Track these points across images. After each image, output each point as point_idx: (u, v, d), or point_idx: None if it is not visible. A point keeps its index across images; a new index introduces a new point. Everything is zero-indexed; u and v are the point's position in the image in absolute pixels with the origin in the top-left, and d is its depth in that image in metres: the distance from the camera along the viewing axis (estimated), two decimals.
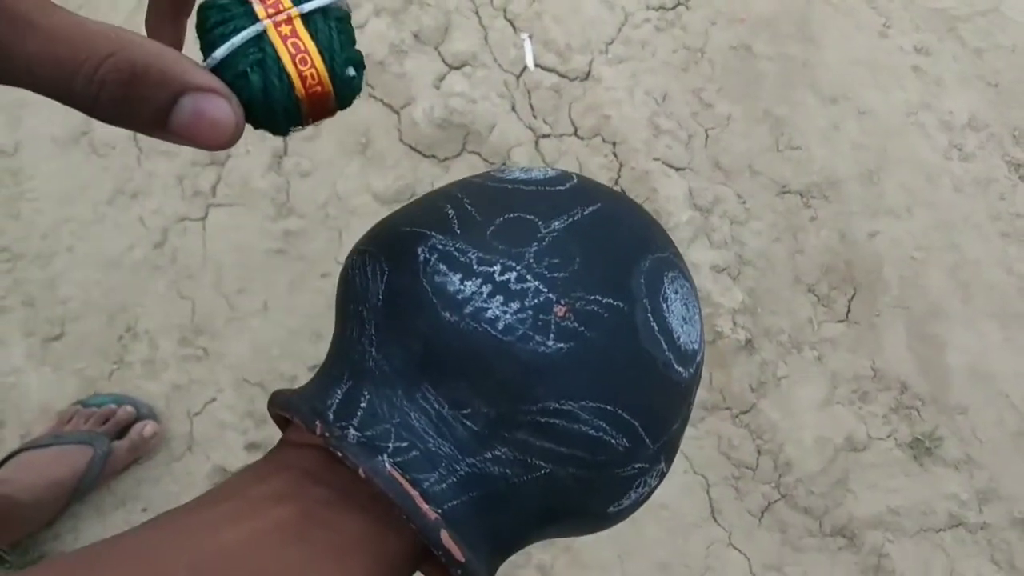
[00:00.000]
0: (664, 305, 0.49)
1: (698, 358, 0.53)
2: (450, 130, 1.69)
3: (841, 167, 1.67)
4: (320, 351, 1.59)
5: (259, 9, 0.38)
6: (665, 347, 0.48)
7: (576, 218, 0.49)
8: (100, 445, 1.47)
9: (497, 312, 0.44)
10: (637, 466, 0.49)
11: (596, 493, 0.49)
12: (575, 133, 1.69)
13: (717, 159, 1.67)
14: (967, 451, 1.55)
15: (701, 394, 1.57)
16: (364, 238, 0.54)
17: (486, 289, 0.45)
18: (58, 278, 1.63)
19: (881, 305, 1.61)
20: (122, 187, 1.66)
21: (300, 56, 0.38)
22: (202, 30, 0.38)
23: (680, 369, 0.50)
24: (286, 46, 0.37)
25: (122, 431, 1.52)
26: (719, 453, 1.56)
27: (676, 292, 0.51)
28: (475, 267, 0.46)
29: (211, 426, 1.57)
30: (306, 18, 0.38)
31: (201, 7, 0.38)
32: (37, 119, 1.68)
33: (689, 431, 1.57)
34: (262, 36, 0.37)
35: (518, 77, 1.73)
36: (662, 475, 0.53)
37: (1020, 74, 1.72)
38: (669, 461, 0.53)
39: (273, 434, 1.55)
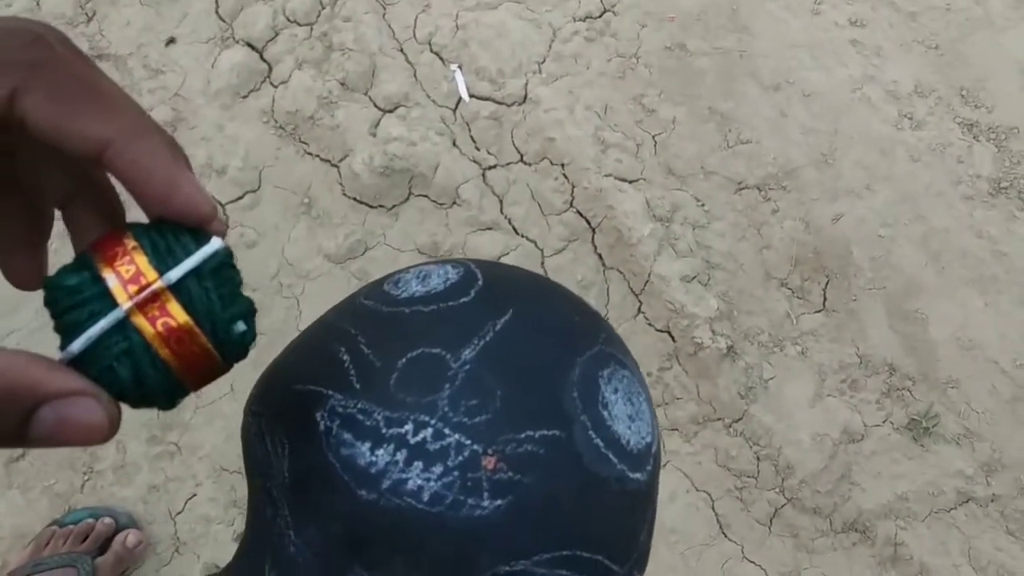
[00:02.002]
0: (605, 413, 0.44)
1: (653, 449, 0.48)
2: (393, 176, 1.63)
3: (794, 154, 1.64)
4: None
5: (116, 287, 0.31)
6: (615, 461, 0.44)
7: (488, 338, 0.44)
8: (83, 565, 1.40)
9: (419, 481, 0.39)
10: None
11: None
12: (521, 160, 1.64)
13: (669, 165, 1.63)
14: (965, 424, 1.52)
15: (691, 409, 1.53)
16: (258, 392, 0.48)
17: (401, 456, 0.40)
18: None
19: (856, 289, 1.58)
20: None
21: (176, 336, 0.31)
22: (52, 312, 0.32)
23: (636, 476, 0.45)
24: (156, 328, 0.31)
25: (104, 545, 1.46)
26: (718, 466, 1.52)
27: (616, 391, 0.46)
28: (384, 431, 0.40)
29: (196, 523, 1.51)
30: (175, 288, 0.32)
31: (47, 285, 0.32)
32: None
33: (684, 448, 1.53)
34: (125, 322, 0.31)
35: (454, 110, 1.68)
36: None
37: (958, 32, 1.70)
38: (642, 570, 0.49)
39: None
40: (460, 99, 1.69)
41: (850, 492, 1.50)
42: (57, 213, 0.39)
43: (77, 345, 0.31)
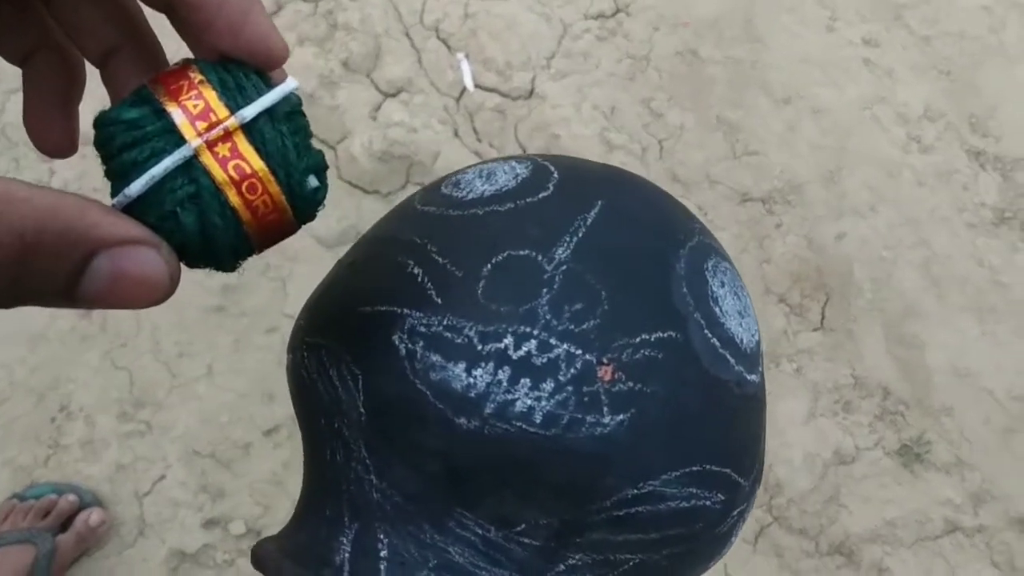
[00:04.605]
0: (717, 309, 0.40)
1: (761, 349, 0.44)
2: (392, 162, 1.59)
3: (801, 169, 1.62)
4: (274, 413, 1.48)
5: (183, 123, 0.27)
6: (733, 362, 0.39)
7: (580, 235, 0.38)
8: (43, 542, 1.34)
9: (528, 401, 0.34)
10: (736, 512, 0.40)
11: (694, 561, 0.40)
12: None
13: (674, 171, 1.61)
14: (957, 453, 1.51)
15: None
16: (311, 322, 0.42)
17: (504, 374, 0.34)
18: None
19: (855, 310, 1.56)
20: None
21: (247, 183, 0.27)
22: (106, 152, 0.28)
23: (752, 378, 0.41)
24: (227, 171, 0.27)
25: (66, 523, 1.39)
26: None
27: (722, 284, 0.41)
28: (479, 347, 0.35)
29: (163, 506, 1.45)
30: (248, 128, 0.28)
31: (100, 121, 0.28)
32: None
33: None
34: (192, 162, 0.27)
35: (458, 100, 1.64)
36: (755, 500, 0.44)
37: (971, 60, 1.69)
38: (760, 483, 0.44)
39: (233, 508, 1.44)
40: (465, 88, 1.65)
41: (838, 515, 1.48)
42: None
43: (137, 186, 0.26)
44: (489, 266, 0.37)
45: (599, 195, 0.41)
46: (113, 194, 0.27)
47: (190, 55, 0.30)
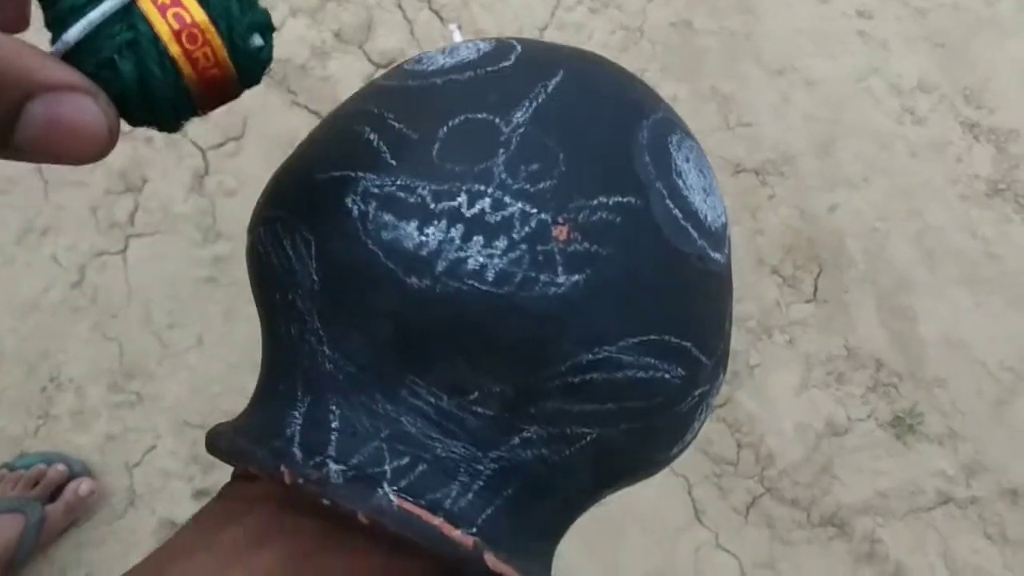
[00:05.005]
0: (680, 182, 0.39)
1: (728, 232, 0.43)
2: None
3: (794, 141, 1.61)
4: None
5: None
6: (695, 235, 0.38)
7: (540, 100, 0.38)
8: (32, 511, 1.34)
9: (481, 259, 0.33)
10: (698, 392, 0.39)
11: (655, 440, 0.39)
12: None
13: None
14: (949, 425, 1.51)
15: None
16: (267, 199, 0.41)
17: (456, 232, 0.34)
18: None
19: (848, 281, 1.55)
20: (30, 224, 1.52)
21: (188, 32, 0.27)
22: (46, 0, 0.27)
23: (716, 256, 0.40)
24: (166, 20, 0.27)
25: (55, 492, 1.39)
26: (698, 451, 1.49)
27: (687, 160, 0.40)
28: (432, 206, 0.34)
29: (153, 476, 1.45)
30: None
31: None
32: None
33: None
34: (131, 8, 0.27)
35: None
36: (720, 387, 0.43)
37: (965, 32, 1.68)
38: (726, 368, 0.44)
39: (223, 478, 1.43)
40: None
41: (830, 486, 1.48)
42: None
43: (74, 32, 0.26)
44: (445, 128, 0.36)
45: (562, 65, 0.40)
46: (53, 42, 0.27)
47: None
